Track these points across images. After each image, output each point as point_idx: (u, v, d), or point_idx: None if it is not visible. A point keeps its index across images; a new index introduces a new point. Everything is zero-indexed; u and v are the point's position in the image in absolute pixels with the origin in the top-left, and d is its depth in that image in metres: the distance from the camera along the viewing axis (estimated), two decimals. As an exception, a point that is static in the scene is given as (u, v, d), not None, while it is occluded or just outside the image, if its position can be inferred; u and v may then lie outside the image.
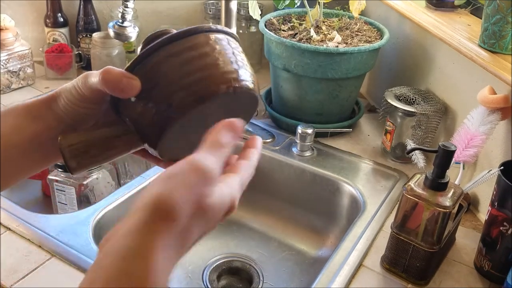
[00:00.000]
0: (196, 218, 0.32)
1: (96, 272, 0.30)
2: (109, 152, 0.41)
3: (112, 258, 0.30)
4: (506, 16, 0.81)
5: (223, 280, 0.94)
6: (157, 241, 0.30)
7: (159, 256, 0.29)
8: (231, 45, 0.41)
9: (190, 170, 0.32)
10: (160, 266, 0.29)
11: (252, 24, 1.38)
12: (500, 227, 0.71)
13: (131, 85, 0.38)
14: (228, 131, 0.36)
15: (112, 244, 0.30)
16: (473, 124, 0.81)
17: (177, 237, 0.31)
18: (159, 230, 0.30)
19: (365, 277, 0.74)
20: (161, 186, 0.31)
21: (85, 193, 0.96)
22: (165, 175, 0.32)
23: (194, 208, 0.31)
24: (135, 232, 0.30)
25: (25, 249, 0.74)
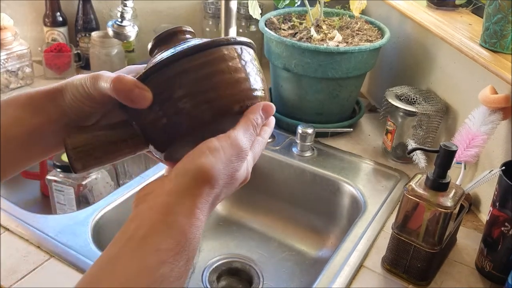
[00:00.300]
0: (227, 186, 0.38)
1: (138, 222, 0.34)
2: (114, 155, 0.41)
3: (155, 212, 0.34)
4: (507, 15, 0.81)
5: (223, 281, 0.94)
6: (198, 203, 0.35)
7: (198, 215, 0.35)
8: (246, 58, 0.42)
9: (230, 146, 0.37)
10: (197, 222, 0.35)
11: (252, 23, 1.37)
12: (502, 227, 0.70)
13: (143, 96, 0.38)
14: (263, 113, 0.41)
15: (158, 201, 0.35)
16: (475, 124, 0.81)
17: (211, 200, 0.36)
18: (200, 194, 0.35)
19: (366, 277, 0.73)
20: (204, 158, 0.36)
21: (84, 194, 0.95)
22: (207, 148, 0.37)
23: (228, 179, 0.37)
24: (179, 193, 0.35)
25: (24, 250, 0.74)
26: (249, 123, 0.39)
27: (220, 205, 1.07)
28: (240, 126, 0.39)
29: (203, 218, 0.35)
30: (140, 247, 0.33)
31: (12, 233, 0.77)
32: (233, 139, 0.38)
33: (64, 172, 0.94)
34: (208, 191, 0.36)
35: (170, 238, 0.33)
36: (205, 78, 0.38)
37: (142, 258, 0.32)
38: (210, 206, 0.36)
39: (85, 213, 0.83)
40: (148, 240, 0.33)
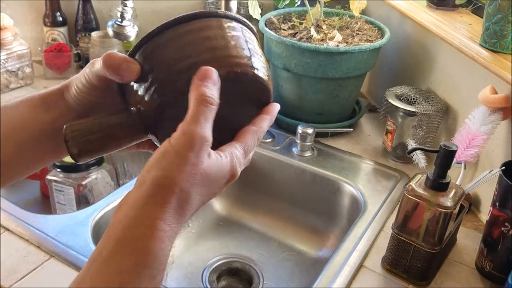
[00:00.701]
0: (197, 186, 0.34)
1: (105, 240, 0.33)
2: (111, 141, 0.40)
3: (119, 227, 0.33)
4: (507, 15, 0.81)
5: (222, 281, 0.94)
6: (159, 213, 0.33)
7: (161, 226, 0.32)
8: (244, 34, 0.40)
9: (180, 141, 0.34)
10: (160, 233, 0.32)
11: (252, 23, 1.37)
12: (502, 227, 0.70)
13: (129, 69, 0.38)
14: (210, 83, 0.36)
15: (119, 215, 0.34)
16: (475, 124, 0.81)
17: (176, 207, 0.34)
18: (160, 202, 0.33)
19: (366, 277, 0.73)
20: (156, 162, 0.34)
21: (84, 194, 0.95)
22: (160, 153, 0.35)
23: (190, 177, 0.34)
24: (139, 204, 0.33)
25: (24, 250, 0.74)
26: (198, 100, 0.35)
27: (220, 205, 1.07)
28: (188, 113, 0.35)
29: (169, 229, 0.33)
30: (102, 270, 0.32)
31: (12, 233, 0.77)
32: (182, 130, 0.34)
33: (64, 172, 0.94)
34: (170, 197, 0.33)
35: (133, 256, 0.31)
36: (189, 44, 0.37)
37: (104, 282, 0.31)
38: (177, 214, 0.34)
39: (85, 213, 0.83)
40: (109, 263, 0.32)
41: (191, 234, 0.99)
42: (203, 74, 0.36)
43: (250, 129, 0.40)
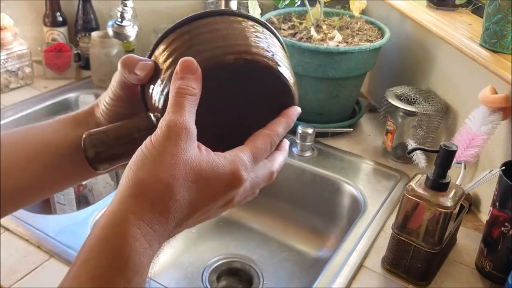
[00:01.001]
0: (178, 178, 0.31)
1: (84, 242, 0.33)
2: (128, 145, 0.38)
3: (97, 227, 0.32)
4: (507, 15, 0.81)
5: (222, 281, 0.94)
6: (133, 205, 0.31)
7: (134, 219, 0.30)
8: (247, 23, 0.38)
9: (158, 133, 0.33)
10: (136, 228, 0.30)
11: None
12: (502, 227, 0.70)
13: (144, 67, 0.38)
14: (189, 74, 0.34)
15: (99, 219, 0.35)
16: (475, 124, 0.81)
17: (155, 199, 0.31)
18: (134, 195, 0.31)
19: (366, 278, 0.73)
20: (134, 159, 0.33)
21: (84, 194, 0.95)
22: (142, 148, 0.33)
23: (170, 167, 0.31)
24: (115, 201, 0.32)
25: (23, 250, 0.74)
26: (175, 91, 0.34)
27: (220, 205, 1.06)
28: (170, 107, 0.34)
29: (145, 225, 0.30)
30: (78, 274, 0.32)
31: (12, 233, 0.77)
32: (161, 122, 0.33)
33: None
34: (144, 190, 0.31)
35: (105, 257, 0.30)
36: (199, 35, 0.36)
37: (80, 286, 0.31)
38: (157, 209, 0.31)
39: (85, 213, 0.83)
40: (84, 266, 0.31)
41: (191, 234, 0.99)
42: (182, 65, 0.34)
43: (262, 132, 0.37)
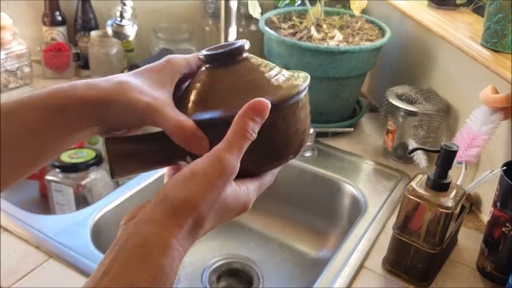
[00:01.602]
0: (213, 213, 0.35)
1: (118, 252, 0.33)
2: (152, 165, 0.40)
3: (130, 243, 0.33)
4: (508, 15, 0.80)
5: (222, 282, 0.94)
6: (175, 232, 0.33)
7: (174, 245, 0.33)
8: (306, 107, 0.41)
9: (212, 167, 0.34)
10: (174, 253, 0.33)
11: (252, 22, 1.37)
12: (503, 227, 0.70)
13: (200, 145, 0.38)
14: (253, 116, 0.35)
15: (135, 229, 0.34)
16: (476, 123, 0.80)
17: (190, 229, 0.34)
18: (178, 223, 0.33)
19: (366, 278, 0.73)
20: (183, 184, 0.34)
21: (83, 194, 0.95)
22: (189, 172, 0.34)
23: (211, 203, 0.34)
24: (155, 222, 0.33)
25: (23, 250, 0.73)
26: (238, 131, 0.35)
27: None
28: (225, 140, 0.35)
29: (181, 248, 0.33)
30: (114, 283, 0.32)
31: (11, 234, 0.77)
32: (215, 156, 0.34)
33: (63, 172, 0.94)
34: (187, 220, 0.34)
35: (145, 274, 0.32)
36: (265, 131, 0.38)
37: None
38: (190, 236, 0.34)
39: (84, 213, 0.83)
40: (122, 278, 0.32)
41: (191, 234, 0.99)
42: (256, 106, 0.35)
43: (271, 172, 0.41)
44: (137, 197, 0.89)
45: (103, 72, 1.22)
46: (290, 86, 0.38)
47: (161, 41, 1.28)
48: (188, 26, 1.34)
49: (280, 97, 0.37)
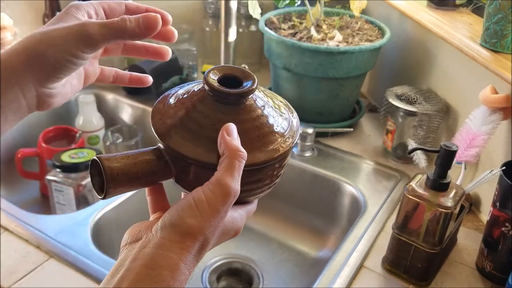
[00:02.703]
0: (215, 237, 0.37)
1: (126, 271, 0.34)
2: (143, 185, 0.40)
3: (139, 264, 0.34)
4: (508, 15, 0.80)
5: (222, 281, 0.94)
6: (183, 257, 0.35)
7: (183, 269, 0.34)
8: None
9: (214, 194, 0.36)
10: (182, 276, 0.34)
11: (252, 23, 1.37)
12: (502, 227, 0.70)
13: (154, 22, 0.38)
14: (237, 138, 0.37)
15: (143, 251, 0.35)
16: (475, 123, 0.80)
17: (196, 253, 0.36)
18: (185, 247, 0.35)
19: (366, 278, 0.73)
20: (190, 211, 0.35)
21: (84, 194, 0.95)
22: (194, 200, 0.36)
23: (215, 229, 0.36)
24: (164, 246, 0.35)
25: (23, 250, 0.74)
26: (233, 157, 0.36)
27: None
28: (223, 166, 0.36)
29: (187, 272, 0.35)
30: None
31: (12, 233, 0.77)
32: (219, 182, 0.36)
33: (64, 172, 0.94)
34: (194, 245, 0.35)
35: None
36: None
37: None
38: (195, 259, 0.36)
39: (84, 213, 0.83)
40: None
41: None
42: (229, 129, 0.37)
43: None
44: (137, 197, 0.89)
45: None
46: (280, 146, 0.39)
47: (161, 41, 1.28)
48: (188, 27, 1.34)
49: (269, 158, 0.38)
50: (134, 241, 0.36)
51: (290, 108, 0.43)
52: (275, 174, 0.41)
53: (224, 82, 0.39)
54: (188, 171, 0.38)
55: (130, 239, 0.37)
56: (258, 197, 0.43)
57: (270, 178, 0.41)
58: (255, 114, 0.39)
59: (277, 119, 0.40)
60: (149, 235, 0.36)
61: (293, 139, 0.40)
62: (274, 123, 0.40)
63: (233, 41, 1.05)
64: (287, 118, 0.41)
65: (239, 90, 0.38)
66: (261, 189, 0.42)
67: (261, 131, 0.39)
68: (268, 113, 0.40)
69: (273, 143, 0.39)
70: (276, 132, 0.39)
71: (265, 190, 0.42)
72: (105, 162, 0.37)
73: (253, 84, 0.39)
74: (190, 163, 0.38)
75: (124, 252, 0.36)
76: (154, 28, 0.38)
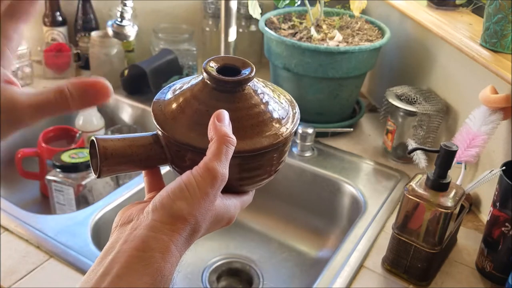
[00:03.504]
0: (207, 221, 0.37)
1: (117, 254, 0.34)
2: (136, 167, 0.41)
3: (131, 246, 0.34)
4: (508, 15, 0.80)
5: (222, 281, 0.94)
6: (174, 239, 0.35)
7: (173, 251, 0.35)
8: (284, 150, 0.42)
9: (203, 177, 0.36)
10: (172, 258, 0.35)
11: (252, 23, 1.37)
12: (502, 227, 0.70)
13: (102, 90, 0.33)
14: (228, 124, 0.37)
15: (134, 233, 0.35)
16: (475, 124, 0.80)
17: (187, 236, 0.36)
18: (176, 230, 0.35)
19: (366, 278, 0.73)
20: (180, 193, 0.35)
21: (84, 194, 0.95)
22: (184, 183, 0.36)
23: (206, 212, 0.36)
24: (155, 228, 0.35)
25: (23, 250, 0.74)
26: (221, 142, 0.36)
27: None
28: (212, 151, 0.36)
29: (178, 254, 0.35)
30: (115, 285, 0.32)
31: (12, 233, 0.77)
32: (207, 167, 0.36)
33: (64, 172, 0.94)
34: (185, 227, 0.35)
35: (146, 275, 0.33)
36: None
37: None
38: (187, 242, 0.36)
39: (84, 213, 0.83)
40: (123, 279, 0.33)
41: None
42: (221, 115, 0.37)
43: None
44: (137, 197, 0.89)
45: (104, 72, 1.22)
46: (279, 133, 0.39)
47: (161, 41, 1.28)
48: (188, 27, 1.34)
49: (261, 146, 0.38)
50: (125, 223, 0.36)
51: (291, 101, 0.43)
52: (270, 164, 0.41)
53: (224, 72, 0.39)
54: (182, 156, 0.39)
55: (121, 221, 0.37)
56: (254, 187, 0.43)
57: (265, 168, 0.41)
58: (251, 102, 0.39)
59: (275, 110, 0.40)
60: (140, 217, 0.36)
61: (289, 131, 0.40)
62: (271, 113, 0.40)
63: (233, 41, 1.05)
64: (286, 109, 0.41)
65: (236, 78, 0.39)
66: (257, 179, 0.41)
67: (255, 120, 0.39)
68: (266, 103, 0.40)
69: (267, 132, 0.39)
70: (272, 122, 0.39)
71: (261, 181, 0.42)
72: (100, 142, 0.38)
73: (251, 72, 0.39)
74: (184, 148, 0.38)
75: (115, 234, 0.36)
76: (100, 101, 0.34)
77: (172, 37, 1.29)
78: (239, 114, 0.38)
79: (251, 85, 0.40)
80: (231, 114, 0.38)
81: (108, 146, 0.38)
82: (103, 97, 0.33)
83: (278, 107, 0.41)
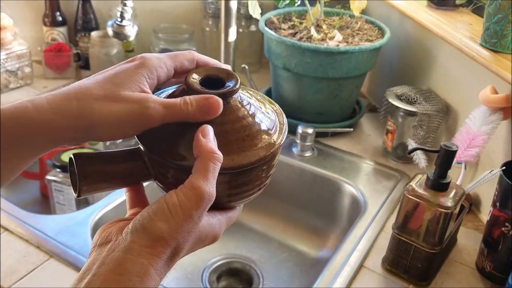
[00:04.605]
0: (188, 242, 0.35)
1: (92, 277, 0.32)
2: (119, 185, 0.39)
3: (108, 269, 0.32)
4: (508, 15, 0.80)
5: (222, 281, 0.94)
6: (153, 262, 0.33)
7: (153, 275, 0.33)
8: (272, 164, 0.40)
9: (188, 198, 0.34)
10: (152, 283, 0.33)
11: (252, 23, 1.37)
12: (502, 227, 0.70)
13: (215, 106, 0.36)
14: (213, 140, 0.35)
15: (111, 255, 0.33)
16: (475, 123, 0.80)
17: (167, 259, 0.34)
18: (156, 253, 0.33)
19: (366, 278, 0.73)
20: (162, 215, 0.34)
21: (84, 194, 0.95)
22: (167, 204, 0.34)
23: (188, 234, 0.34)
24: (134, 251, 0.33)
25: (23, 250, 0.74)
26: (207, 159, 0.34)
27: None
28: (198, 169, 0.34)
29: (158, 278, 0.33)
30: None
31: (12, 233, 0.77)
32: (193, 186, 0.34)
33: (64, 172, 0.94)
34: (165, 250, 0.34)
35: None
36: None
37: None
38: (167, 265, 0.35)
39: (84, 213, 0.83)
40: None
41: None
42: (205, 130, 0.35)
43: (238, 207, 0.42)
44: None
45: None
46: (268, 146, 0.37)
47: (161, 41, 1.28)
48: (188, 27, 1.34)
49: (248, 162, 0.36)
50: (104, 244, 0.35)
51: (278, 111, 0.41)
52: (259, 179, 0.39)
53: (207, 84, 0.38)
54: (166, 173, 0.37)
55: (100, 241, 0.35)
56: (242, 203, 0.41)
57: (254, 183, 0.39)
58: (237, 115, 0.37)
59: (262, 122, 0.38)
60: (119, 238, 0.34)
61: (278, 143, 0.38)
62: (258, 125, 0.38)
63: (233, 41, 1.05)
64: (273, 120, 0.40)
65: (220, 91, 0.37)
66: (245, 195, 0.39)
67: (242, 134, 0.37)
68: (253, 115, 0.38)
69: (255, 146, 0.37)
70: (260, 135, 0.37)
71: (249, 196, 0.40)
72: (78, 160, 0.36)
73: (235, 85, 0.37)
74: (167, 165, 0.36)
75: (92, 255, 0.35)
76: (214, 114, 0.36)
77: (172, 37, 1.29)
78: (225, 128, 0.36)
79: (236, 96, 0.38)
80: (217, 128, 0.36)
81: (86, 163, 0.36)
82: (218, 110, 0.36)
83: (265, 118, 0.39)
